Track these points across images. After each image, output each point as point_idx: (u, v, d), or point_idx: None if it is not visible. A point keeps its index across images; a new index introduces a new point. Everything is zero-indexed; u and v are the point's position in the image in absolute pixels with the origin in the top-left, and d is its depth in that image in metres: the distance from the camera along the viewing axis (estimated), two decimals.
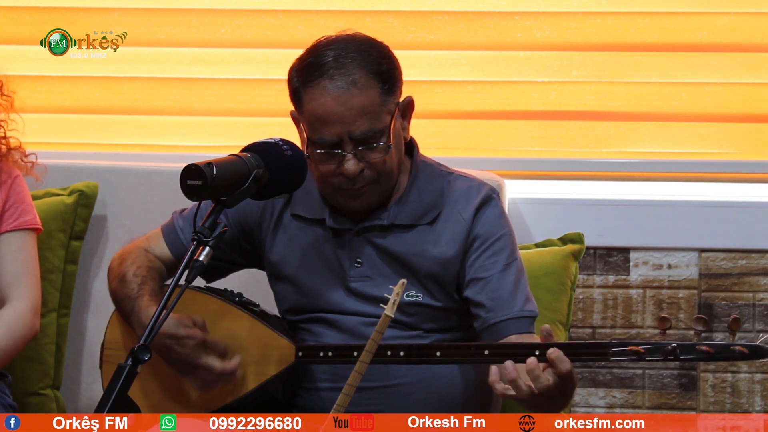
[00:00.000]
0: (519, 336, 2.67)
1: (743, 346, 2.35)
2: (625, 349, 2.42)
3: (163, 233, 2.89)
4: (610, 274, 3.55)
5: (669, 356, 2.39)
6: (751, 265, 3.53)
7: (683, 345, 2.39)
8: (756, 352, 2.37)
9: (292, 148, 2.58)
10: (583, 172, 3.59)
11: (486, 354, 2.56)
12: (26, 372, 3.23)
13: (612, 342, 2.45)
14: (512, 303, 2.70)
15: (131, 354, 2.25)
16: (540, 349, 2.44)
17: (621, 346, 2.43)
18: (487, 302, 2.70)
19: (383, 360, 2.58)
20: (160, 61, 3.63)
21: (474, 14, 3.57)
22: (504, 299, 2.70)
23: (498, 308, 2.69)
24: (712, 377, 3.54)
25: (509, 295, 2.71)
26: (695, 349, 2.39)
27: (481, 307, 2.71)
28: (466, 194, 2.78)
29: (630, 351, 2.41)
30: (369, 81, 2.65)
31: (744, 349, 2.36)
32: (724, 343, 2.38)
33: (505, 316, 2.69)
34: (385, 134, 2.67)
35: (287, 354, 2.71)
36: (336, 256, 2.77)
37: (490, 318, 2.70)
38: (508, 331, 2.67)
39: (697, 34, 3.54)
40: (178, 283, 2.35)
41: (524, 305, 2.71)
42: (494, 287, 2.71)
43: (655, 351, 2.40)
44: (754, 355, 2.37)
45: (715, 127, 3.57)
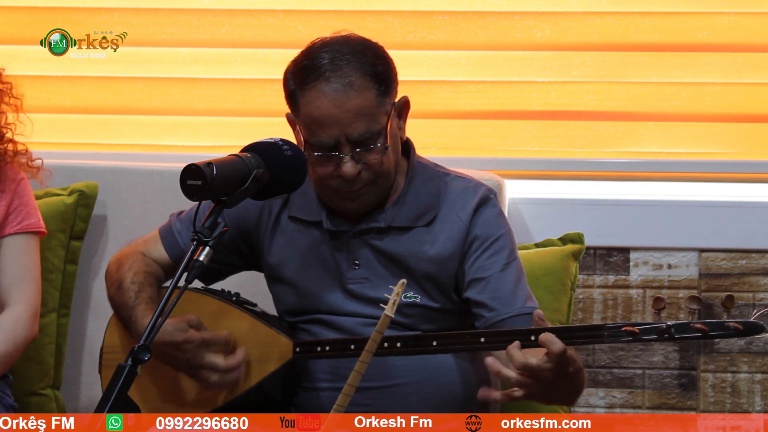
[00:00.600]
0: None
1: (737, 322, 2.36)
2: (619, 330, 2.41)
3: (160, 236, 2.89)
4: (610, 274, 3.55)
5: (664, 335, 2.39)
6: (751, 265, 3.53)
7: (678, 324, 2.38)
8: (750, 328, 2.37)
9: (292, 148, 2.58)
10: (583, 172, 3.59)
11: (482, 341, 2.56)
12: (26, 372, 3.23)
13: (607, 324, 2.44)
14: (514, 301, 2.70)
15: (131, 354, 2.25)
16: (534, 334, 2.44)
17: (616, 327, 2.42)
18: (489, 302, 2.70)
19: (380, 353, 2.56)
20: (160, 61, 3.63)
21: (474, 14, 3.57)
22: (505, 298, 2.70)
23: (500, 307, 2.69)
24: (712, 377, 3.54)
25: (510, 293, 2.71)
26: (690, 327, 2.38)
27: (484, 307, 2.71)
28: (464, 195, 2.78)
29: (625, 332, 2.40)
30: (365, 82, 2.65)
31: (738, 326, 2.36)
32: (718, 320, 2.38)
33: (508, 314, 2.69)
34: (382, 135, 2.67)
35: (285, 351, 2.71)
36: (333, 258, 2.77)
37: (493, 317, 2.69)
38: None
39: (697, 34, 3.54)
40: (177, 285, 2.34)
41: (526, 302, 2.71)
42: (495, 287, 2.71)
43: (650, 331, 2.39)
44: (749, 332, 2.37)
45: (715, 127, 3.57)
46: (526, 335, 2.45)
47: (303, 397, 2.78)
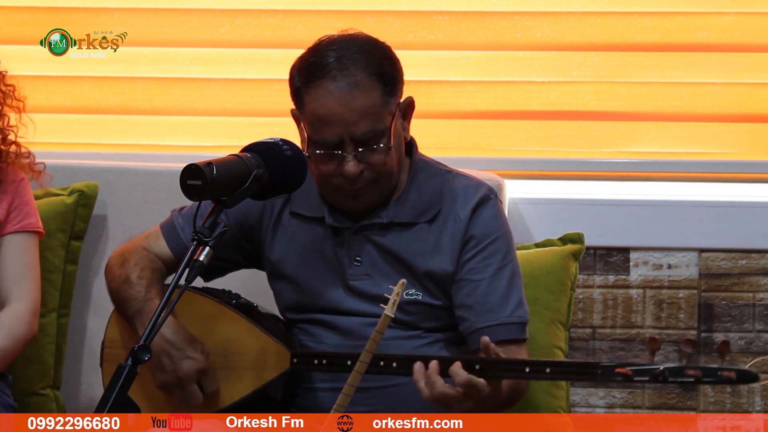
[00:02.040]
0: (502, 344, 2.64)
1: (731, 370, 2.35)
2: (613, 371, 2.40)
3: (162, 232, 2.89)
4: (610, 274, 3.55)
5: (658, 378, 2.39)
6: (751, 265, 3.53)
7: (671, 368, 2.37)
8: (743, 377, 2.36)
9: (292, 148, 2.58)
10: (583, 172, 3.58)
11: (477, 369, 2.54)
12: (26, 372, 3.23)
13: (600, 363, 2.43)
14: (502, 308, 2.69)
15: (131, 354, 2.25)
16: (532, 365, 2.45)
17: (609, 368, 2.41)
18: (475, 305, 2.70)
19: (376, 371, 2.55)
20: (160, 61, 3.63)
21: (474, 14, 3.57)
22: (493, 304, 2.69)
23: (485, 313, 2.69)
24: None
25: (499, 300, 2.70)
26: (683, 372, 2.38)
27: (469, 309, 2.70)
28: (464, 193, 2.78)
29: (618, 373, 2.39)
30: (371, 82, 2.65)
31: (731, 375, 2.36)
32: (712, 366, 2.38)
33: (493, 321, 2.68)
34: (386, 135, 2.67)
35: (283, 360, 2.70)
36: (335, 255, 2.77)
37: (476, 322, 2.69)
38: (495, 338, 2.60)
39: (697, 34, 3.54)
40: (178, 284, 2.35)
41: (514, 311, 2.70)
42: (484, 292, 2.71)
43: (643, 373, 2.39)
44: (742, 380, 2.36)
45: (715, 127, 3.57)
46: (521, 366, 2.46)
47: (303, 397, 2.78)
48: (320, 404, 2.73)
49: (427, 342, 2.75)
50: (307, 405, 2.76)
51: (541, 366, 2.44)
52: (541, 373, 2.45)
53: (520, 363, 2.48)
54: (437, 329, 2.77)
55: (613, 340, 3.55)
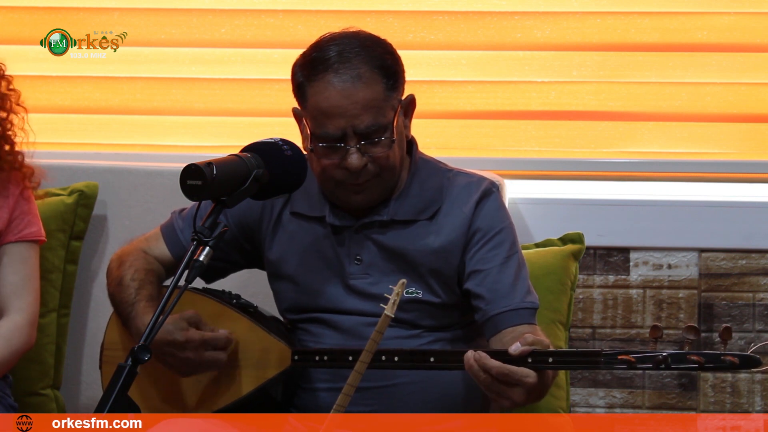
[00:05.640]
0: (517, 327, 2.66)
1: (734, 355, 2.35)
2: (616, 358, 2.41)
3: (162, 234, 2.89)
4: (610, 274, 3.55)
5: (661, 365, 2.39)
6: (751, 265, 3.53)
7: (674, 354, 2.38)
8: (746, 362, 2.37)
9: (292, 148, 2.59)
10: (583, 172, 3.59)
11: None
12: (26, 372, 3.23)
13: (603, 351, 2.44)
14: (512, 295, 2.70)
15: (131, 354, 2.25)
16: (535, 356, 2.44)
17: (612, 355, 2.42)
18: (487, 294, 2.70)
19: (377, 365, 2.56)
20: (160, 61, 3.63)
21: (474, 14, 3.57)
22: (504, 291, 2.70)
23: (498, 300, 2.70)
24: (712, 377, 3.54)
25: (509, 287, 2.71)
26: (686, 358, 2.39)
27: (482, 299, 2.71)
28: (467, 189, 2.78)
29: (621, 360, 2.40)
30: (373, 75, 2.65)
31: (735, 359, 2.36)
32: (715, 352, 2.38)
33: (506, 307, 2.69)
34: (388, 129, 2.67)
35: (284, 357, 2.71)
36: (335, 254, 2.77)
37: (490, 310, 2.70)
38: (508, 323, 2.67)
39: (697, 34, 3.54)
40: (178, 284, 2.34)
41: (525, 297, 2.71)
42: (494, 279, 2.71)
43: (646, 360, 2.39)
44: (745, 365, 2.37)
45: (715, 127, 3.57)
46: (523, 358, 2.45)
47: (302, 398, 2.78)
48: (320, 404, 2.73)
49: (428, 341, 2.75)
50: (307, 405, 2.76)
51: (544, 356, 2.44)
52: (544, 362, 2.45)
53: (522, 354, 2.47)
54: (437, 328, 2.77)
55: (613, 340, 3.55)
